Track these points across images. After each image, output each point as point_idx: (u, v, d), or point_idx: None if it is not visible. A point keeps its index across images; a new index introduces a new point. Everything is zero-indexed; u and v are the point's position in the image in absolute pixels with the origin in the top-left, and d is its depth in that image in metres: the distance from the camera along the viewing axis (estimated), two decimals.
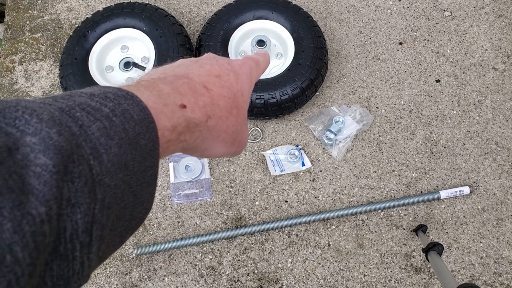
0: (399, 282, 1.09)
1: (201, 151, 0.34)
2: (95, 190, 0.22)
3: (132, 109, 0.25)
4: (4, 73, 1.37)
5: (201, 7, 1.44)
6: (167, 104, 0.28)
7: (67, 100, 0.24)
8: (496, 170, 1.19)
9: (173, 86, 0.30)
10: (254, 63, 0.40)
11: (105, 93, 0.26)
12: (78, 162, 0.21)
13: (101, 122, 0.24)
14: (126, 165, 0.24)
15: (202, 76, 0.33)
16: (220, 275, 1.11)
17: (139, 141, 0.25)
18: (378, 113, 1.27)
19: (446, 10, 1.40)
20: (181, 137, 0.29)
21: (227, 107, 0.33)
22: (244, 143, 0.38)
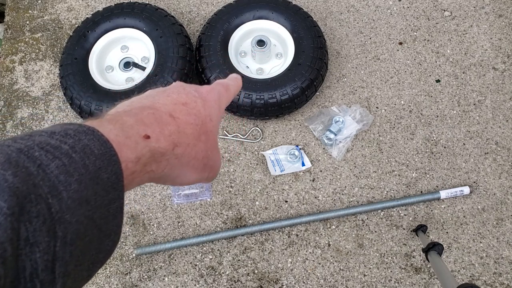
0: (399, 282, 1.09)
1: (171, 179, 0.34)
2: (54, 228, 0.22)
3: (93, 144, 0.26)
4: (4, 73, 1.37)
5: (201, 7, 1.44)
6: (129, 136, 0.28)
7: (26, 140, 0.24)
8: (496, 170, 1.19)
9: (137, 117, 0.30)
10: (223, 89, 0.40)
11: (66, 130, 0.26)
12: (35, 201, 0.22)
13: (60, 160, 0.24)
14: (87, 200, 0.24)
15: (168, 105, 0.33)
16: (220, 275, 1.11)
17: (101, 175, 0.25)
18: (378, 113, 1.27)
19: (446, 10, 1.40)
20: (147, 168, 0.29)
21: (195, 134, 0.33)
22: (217, 167, 0.38)
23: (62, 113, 1.30)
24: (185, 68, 1.18)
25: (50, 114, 1.30)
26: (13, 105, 1.32)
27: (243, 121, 1.27)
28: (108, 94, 1.17)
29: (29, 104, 1.32)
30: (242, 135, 1.25)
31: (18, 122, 1.30)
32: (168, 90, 0.35)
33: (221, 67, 1.18)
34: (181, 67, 1.17)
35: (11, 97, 1.33)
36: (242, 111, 1.19)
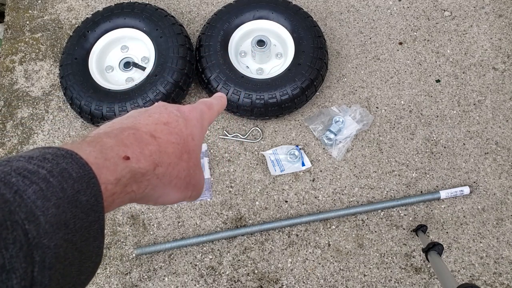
0: (399, 282, 1.09)
1: (154, 199, 0.34)
2: (32, 253, 0.22)
3: (71, 167, 0.26)
4: (4, 73, 1.37)
5: (201, 7, 1.44)
6: (109, 158, 0.29)
7: (4, 167, 0.24)
8: (496, 170, 1.19)
9: (117, 138, 0.30)
10: (205, 107, 0.40)
11: (44, 155, 0.26)
12: (11, 228, 0.22)
13: (37, 185, 0.24)
14: (66, 223, 0.25)
15: (150, 125, 0.33)
16: (220, 275, 1.11)
17: (80, 198, 0.26)
18: (378, 113, 1.27)
19: (446, 10, 1.40)
20: (127, 189, 0.30)
21: (177, 153, 0.33)
22: (200, 186, 0.38)
23: (62, 113, 1.30)
24: (185, 68, 1.18)
25: (50, 114, 1.30)
26: (13, 105, 1.32)
27: (243, 121, 1.27)
28: (108, 94, 1.17)
29: (29, 104, 1.32)
30: (242, 135, 1.25)
31: (18, 122, 1.30)
32: (150, 110, 0.35)
33: (221, 67, 1.18)
34: (181, 67, 1.17)
35: (11, 97, 1.33)
36: (242, 111, 1.19)
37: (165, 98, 1.16)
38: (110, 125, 0.33)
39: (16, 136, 1.28)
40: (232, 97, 1.17)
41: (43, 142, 1.27)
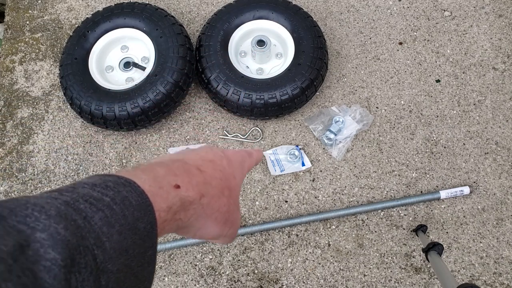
0: (399, 282, 1.09)
1: (194, 230, 0.35)
2: (99, 277, 0.24)
3: (131, 196, 0.28)
4: (4, 73, 1.37)
5: (201, 7, 1.44)
6: (162, 186, 0.30)
7: (71, 193, 0.26)
8: (496, 170, 1.19)
9: (168, 168, 0.33)
10: (246, 154, 0.44)
11: (106, 182, 0.28)
12: (84, 253, 0.24)
13: (102, 212, 0.26)
14: (126, 249, 0.26)
15: (197, 160, 0.36)
16: (220, 275, 1.11)
17: (138, 225, 0.27)
18: (378, 113, 1.27)
19: (446, 10, 1.40)
20: (176, 216, 0.31)
21: (219, 187, 0.36)
22: (237, 225, 0.39)
23: (62, 113, 1.30)
24: (185, 68, 1.18)
25: (50, 114, 1.30)
26: (13, 105, 1.32)
27: (243, 121, 1.27)
28: (108, 94, 1.17)
29: (29, 104, 1.32)
30: (242, 135, 1.25)
31: (18, 122, 1.30)
32: (197, 149, 0.39)
33: (221, 67, 1.18)
34: (181, 67, 1.17)
35: (11, 97, 1.33)
36: (242, 111, 1.19)
37: (165, 98, 1.16)
38: (161, 158, 0.35)
39: (16, 136, 1.28)
40: (232, 97, 1.17)
41: (43, 142, 1.27)
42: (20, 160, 1.25)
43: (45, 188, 1.21)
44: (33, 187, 1.22)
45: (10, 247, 0.21)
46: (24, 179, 1.23)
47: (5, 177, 1.23)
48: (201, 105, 1.30)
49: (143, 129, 1.26)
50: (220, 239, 0.38)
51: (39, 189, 1.21)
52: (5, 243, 0.21)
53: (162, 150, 1.25)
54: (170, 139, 1.26)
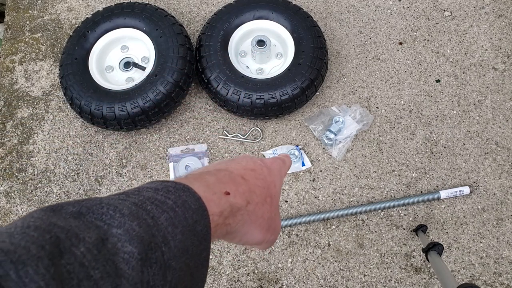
0: (399, 282, 1.09)
1: (240, 236, 0.37)
2: (166, 273, 0.26)
3: (190, 200, 0.30)
4: (4, 73, 1.37)
5: (201, 7, 1.44)
6: (215, 192, 0.33)
7: (138, 196, 0.29)
8: (496, 170, 1.19)
9: (216, 177, 0.35)
10: (281, 162, 0.45)
11: (167, 187, 0.30)
12: (154, 249, 0.26)
13: (167, 213, 0.28)
14: (187, 249, 0.28)
15: (240, 170, 0.38)
16: (220, 275, 1.11)
17: (196, 227, 0.29)
18: (378, 113, 1.27)
19: (446, 10, 1.40)
20: (226, 221, 0.33)
21: (262, 195, 0.38)
22: (278, 231, 0.41)
23: (62, 113, 1.30)
24: (185, 68, 1.18)
25: (50, 114, 1.30)
26: (13, 105, 1.32)
27: (243, 121, 1.27)
28: (108, 94, 1.17)
29: (29, 104, 1.32)
30: (242, 135, 1.25)
31: (18, 122, 1.30)
32: (237, 159, 0.41)
33: (221, 67, 1.18)
34: (181, 67, 1.17)
35: (11, 97, 1.33)
36: (242, 111, 1.19)
37: (165, 98, 1.16)
38: (205, 167, 0.38)
39: (16, 136, 1.28)
40: (232, 97, 1.17)
41: (43, 142, 1.27)
42: (20, 160, 1.25)
43: (45, 188, 1.21)
44: (33, 187, 1.22)
45: (94, 239, 0.23)
46: (24, 179, 1.23)
47: (5, 177, 1.23)
48: (201, 105, 1.30)
49: (143, 129, 1.26)
50: (262, 244, 0.40)
51: (39, 189, 1.21)
52: (89, 236, 0.23)
53: (162, 150, 1.25)
54: (170, 139, 1.26)
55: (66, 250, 0.22)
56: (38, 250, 0.21)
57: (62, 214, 0.25)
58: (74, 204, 0.26)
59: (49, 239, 0.22)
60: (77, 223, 0.24)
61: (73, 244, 0.22)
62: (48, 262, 0.20)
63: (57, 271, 0.20)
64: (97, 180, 1.22)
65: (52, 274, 0.20)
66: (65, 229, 0.23)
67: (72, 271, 0.21)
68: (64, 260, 0.21)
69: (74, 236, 0.23)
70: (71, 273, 0.21)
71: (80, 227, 0.24)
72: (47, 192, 1.21)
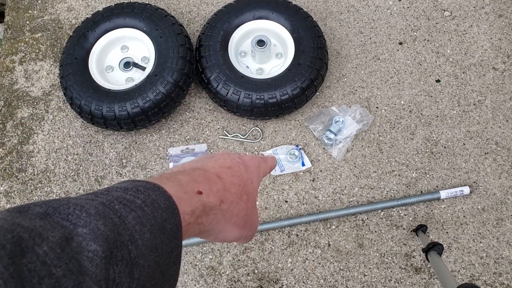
0: (399, 282, 1.09)
1: (215, 234, 0.37)
2: (133, 270, 0.26)
3: (159, 199, 0.30)
4: (4, 73, 1.37)
5: (201, 7, 1.44)
6: (186, 192, 0.33)
7: (106, 195, 0.29)
8: (496, 170, 1.19)
9: (190, 176, 0.35)
10: (262, 160, 0.45)
11: (137, 187, 0.30)
12: (120, 247, 0.26)
13: (135, 212, 0.28)
14: (156, 247, 0.28)
15: (216, 168, 0.38)
16: (220, 275, 1.11)
17: (166, 226, 0.29)
18: (378, 113, 1.27)
19: (446, 10, 1.40)
20: (199, 220, 0.33)
21: (238, 193, 0.38)
22: (255, 227, 0.41)
23: (62, 113, 1.30)
24: (185, 68, 1.18)
25: (50, 114, 1.30)
26: (13, 105, 1.32)
27: (243, 121, 1.27)
28: (108, 94, 1.17)
29: (29, 104, 1.32)
30: (242, 135, 1.25)
31: (18, 122, 1.30)
32: (215, 156, 0.40)
33: (221, 67, 1.18)
34: (181, 67, 1.17)
35: (11, 97, 1.33)
36: (242, 111, 1.19)
37: (165, 98, 1.16)
38: (181, 166, 0.38)
39: (16, 136, 1.28)
40: (232, 97, 1.16)
41: (43, 142, 1.27)
42: (20, 160, 1.25)
43: (45, 188, 1.21)
44: (33, 187, 1.22)
45: (58, 238, 0.24)
46: (24, 179, 1.23)
47: (5, 177, 1.23)
48: (201, 105, 1.30)
49: (143, 129, 1.26)
50: (239, 240, 0.40)
51: (39, 189, 1.21)
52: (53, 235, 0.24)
53: (162, 150, 1.25)
54: (170, 139, 1.26)
55: (28, 249, 0.22)
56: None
57: (28, 214, 0.25)
58: (41, 204, 0.26)
59: (11, 238, 0.22)
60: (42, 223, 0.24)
61: (36, 243, 0.23)
62: (7, 261, 0.21)
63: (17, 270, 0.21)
64: (97, 180, 1.22)
65: (11, 273, 0.20)
66: (28, 228, 0.23)
67: (33, 269, 0.21)
68: (25, 259, 0.22)
69: (38, 235, 0.23)
70: (32, 271, 0.21)
71: (45, 227, 0.24)
72: (47, 192, 1.21)
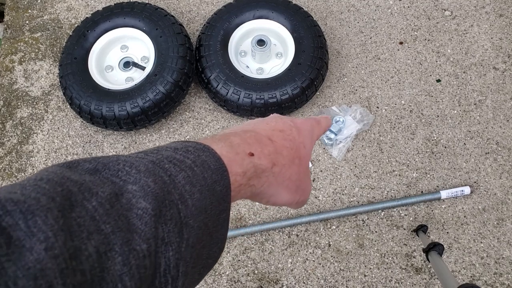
0: (399, 283, 1.09)
1: (267, 197, 0.36)
2: (182, 230, 0.26)
3: (209, 160, 0.30)
4: (3, 72, 1.37)
5: (201, 7, 1.43)
6: (238, 153, 0.32)
7: (156, 154, 0.28)
8: (496, 170, 1.19)
9: (241, 137, 0.34)
10: (315, 122, 0.44)
11: (187, 147, 0.30)
12: (169, 206, 0.25)
13: (185, 172, 0.28)
14: (205, 209, 0.28)
15: (267, 131, 0.37)
16: (220, 276, 1.11)
17: (215, 187, 0.29)
18: (378, 113, 1.27)
19: (446, 10, 1.40)
20: (250, 182, 0.33)
21: (290, 157, 0.37)
22: (307, 192, 0.40)
23: (61, 113, 1.30)
24: (185, 68, 1.18)
25: (49, 114, 1.30)
26: (12, 105, 1.32)
27: (243, 121, 1.27)
28: (108, 94, 1.16)
29: (28, 104, 1.32)
30: None
31: (18, 122, 1.30)
32: (266, 119, 0.39)
33: (221, 67, 1.18)
34: (181, 66, 1.17)
35: (11, 97, 1.33)
36: (242, 111, 1.19)
37: (165, 98, 1.15)
38: (233, 129, 0.37)
39: (15, 136, 1.28)
40: (232, 97, 1.16)
41: (42, 142, 1.26)
42: (20, 160, 1.25)
43: None
44: None
45: (107, 194, 0.23)
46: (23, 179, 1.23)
47: (4, 177, 1.23)
48: (201, 105, 1.30)
49: (142, 129, 1.26)
50: (292, 205, 0.39)
51: None
52: (102, 190, 0.23)
53: None
54: (170, 139, 1.26)
55: (77, 204, 0.22)
56: (48, 202, 0.21)
57: (78, 170, 0.25)
58: (90, 161, 0.26)
59: (61, 191, 0.22)
60: (92, 178, 0.24)
61: (85, 198, 0.22)
62: (57, 214, 0.20)
63: (67, 223, 0.21)
64: None
65: (61, 225, 0.20)
66: (78, 183, 0.23)
67: (83, 224, 0.21)
68: (74, 213, 0.21)
69: (87, 190, 0.23)
70: (81, 226, 0.21)
71: (94, 182, 0.24)
72: None
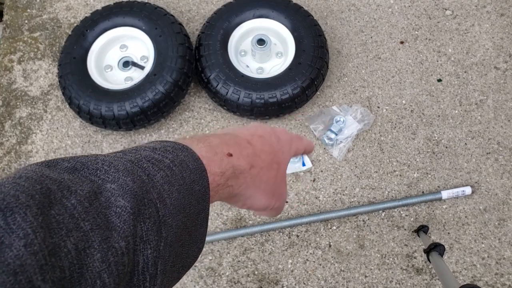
0: (400, 283, 1.08)
1: (244, 199, 0.37)
2: (161, 229, 0.26)
3: (188, 160, 0.30)
4: (2, 72, 1.36)
5: (200, 6, 1.43)
6: (217, 153, 0.32)
7: (135, 154, 0.29)
8: (498, 170, 1.18)
9: (221, 139, 0.35)
10: (296, 136, 0.45)
11: (165, 147, 0.30)
12: (148, 205, 0.26)
13: (164, 172, 0.28)
14: (184, 208, 0.28)
15: (247, 135, 0.38)
16: (220, 276, 1.10)
17: (194, 187, 0.29)
18: (379, 113, 1.26)
19: (447, 9, 1.40)
20: (229, 182, 0.33)
21: (268, 160, 0.37)
22: (283, 198, 0.41)
23: (60, 113, 1.29)
24: (185, 67, 1.17)
25: (48, 113, 1.30)
26: (11, 105, 1.31)
27: (243, 121, 1.26)
28: (107, 94, 1.16)
29: (27, 104, 1.31)
30: None
31: (17, 122, 1.29)
32: (247, 126, 0.41)
33: (221, 67, 1.18)
34: (180, 66, 1.16)
35: (10, 96, 1.32)
36: (242, 111, 1.18)
37: (164, 98, 1.15)
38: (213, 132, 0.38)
39: (14, 136, 1.27)
40: (232, 97, 1.16)
41: (41, 142, 1.26)
42: (19, 160, 1.24)
43: None
44: None
45: (86, 192, 0.23)
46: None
47: None
48: (200, 105, 1.29)
49: (142, 129, 1.25)
50: (267, 211, 0.40)
51: None
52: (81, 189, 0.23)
53: None
54: (169, 139, 1.25)
55: (56, 201, 0.22)
56: (27, 199, 0.21)
57: (56, 169, 0.25)
58: (69, 160, 0.26)
59: (40, 189, 0.22)
60: (71, 177, 0.24)
61: (64, 195, 0.22)
62: (36, 211, 0.20)
63: (46, 220, 0.21)
64: None
65: (40, 223, 0.20)
66: (57, 181, 0.23)
67: (62, 221, 0.21)
68: (53, 210, 0.21)
69: (66, 188, 0.23)
70: (60, 223, 0.21)
71: (73, 180, 0.24)
72: None
